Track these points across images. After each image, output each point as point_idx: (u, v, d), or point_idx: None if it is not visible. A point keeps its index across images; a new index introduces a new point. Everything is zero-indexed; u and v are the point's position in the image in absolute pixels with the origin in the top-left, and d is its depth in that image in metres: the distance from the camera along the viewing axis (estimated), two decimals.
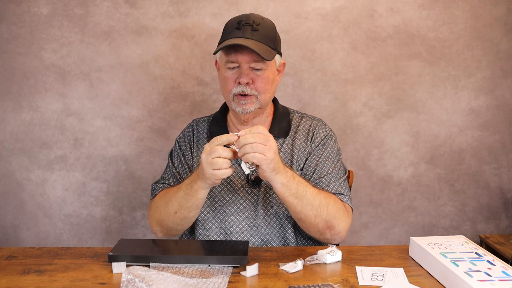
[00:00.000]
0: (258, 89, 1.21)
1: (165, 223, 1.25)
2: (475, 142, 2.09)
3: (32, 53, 1.96)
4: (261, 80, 1.21)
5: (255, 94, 1.21)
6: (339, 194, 1.25)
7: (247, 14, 1.24)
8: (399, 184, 2.10)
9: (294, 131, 1.33)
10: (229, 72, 1.23)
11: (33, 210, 2.07)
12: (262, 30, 1.21)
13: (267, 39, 1.21)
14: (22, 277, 1.01)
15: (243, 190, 1.27)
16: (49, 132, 2.01)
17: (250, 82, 1.21)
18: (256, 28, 1.20)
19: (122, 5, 1.94)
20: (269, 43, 1.22)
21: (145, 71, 1.98)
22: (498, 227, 2.15)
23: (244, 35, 1.19)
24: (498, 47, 2.02)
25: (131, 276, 0.92)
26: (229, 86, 1.23)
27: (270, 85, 1.24)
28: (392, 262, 1.09)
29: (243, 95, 1.21)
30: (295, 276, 1.01)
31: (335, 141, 1.35)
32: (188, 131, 1.40)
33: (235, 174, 1.29)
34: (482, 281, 0.88)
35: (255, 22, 1.21)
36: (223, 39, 1.23)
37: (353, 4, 1.96)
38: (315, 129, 1.33)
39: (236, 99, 1.22)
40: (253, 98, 1.22)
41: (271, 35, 1.23)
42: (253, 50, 1.14)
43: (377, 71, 2.02)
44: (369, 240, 2.12)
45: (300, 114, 1.39)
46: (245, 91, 1.20)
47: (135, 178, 2.06)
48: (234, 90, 1.22)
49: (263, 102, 1.24)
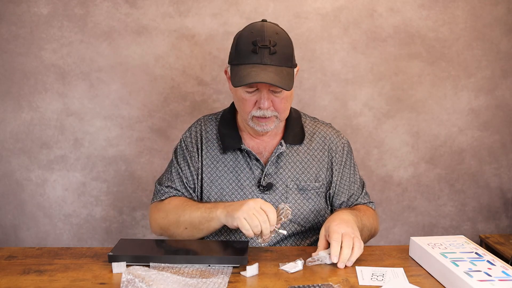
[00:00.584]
0: (278, 110, 1.18)
1: (170, 231, 1.24)
2: (475, 142, 2.09)
3: (32, 53, 1.96)
4: (281, 101, 1.18)
5: (275, 114, 1.19)
6: (369, 203, 1.36)
7: (259, 28, 1.14)
8: (399, 184, 2.10)
9: (309, 138, 1.32)
10: (247, 95, 1.17)
11: (33, 210, 2.07)
12: (280, 51, 1.12)
13: (285, 60, 1.14)
14: (22, 277, 1.01)
15: (254, 195, 1.26)
16: (49, 132, 2.02)
17: (271, 105, 1.17)
18: (274, 50, 1.11)
19: (122, 5, 1.94)
20: (288, 63, 1.15)
21: (145, 71, 1.98)
22: (498, 227, 2.15)
23: (262, 61, 1.11)
24: (498, 47, 2.02)
25: (131, 276, 0.92)
26: (248, 108, 1.19)
27: (289, 102, 1.22)
28: (392, 262, 1.09)
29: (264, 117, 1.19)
30: (295, 276, 1.01)
31: (351, 149, 1.38)
32: (195, 130, 1.34)
33: (246, 178, 1.27)
34: (482, 281, 0.88)
35: (271, 43, 1.11)
36: (239, 62, 1.14)
37: (353, 4, 1.96)
38: (332, 138, 1.33)
39: (256, 120, 1.20)
40: (274, 118, 1.20)
41: (288, 53, 1.15)
42: (277, 85, 1.09)
43: (377, 71, 2.02)
44: (369, 240, 2.12)
45: (311, 118, 1.37)
46: (266, 114, 1.17)
47: (135, 178, 2.06)
48: (254, 113, 1.18)
49: (282, 119, 1.23)
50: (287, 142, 1.28)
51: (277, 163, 1.27)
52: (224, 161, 1.28)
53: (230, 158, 1.28)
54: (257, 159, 1.26)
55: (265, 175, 1.26)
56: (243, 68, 1.12)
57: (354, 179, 1.34)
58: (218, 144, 1.30)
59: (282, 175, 1.26)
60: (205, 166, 1.29)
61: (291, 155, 1.29)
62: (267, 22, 1.19)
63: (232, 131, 1.29)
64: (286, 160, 1.28)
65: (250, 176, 1.27)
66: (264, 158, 1.28)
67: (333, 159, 1.31)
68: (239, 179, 1.26)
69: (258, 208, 1.06)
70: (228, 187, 1.28)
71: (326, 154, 1.31)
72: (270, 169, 1.26)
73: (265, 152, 1.29)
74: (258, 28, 1.14)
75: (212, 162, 1.29)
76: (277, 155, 1.26)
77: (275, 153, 1.26)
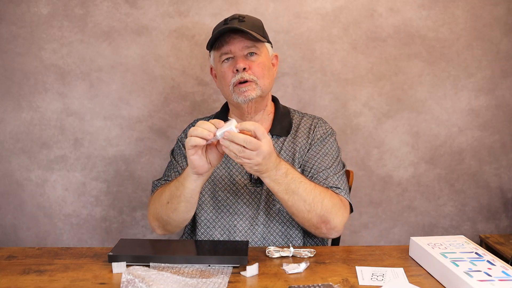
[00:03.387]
0: (256, 74, 1.23)
1: (159, 216, 1.24)
2: (475, 142, 2.09)
3: (32, 53, 1.96)
4: (257, 65, 1.24)
5: (254, 79, 1.23)
6: (336, 188, 1.24)
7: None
8: (399, 184, 2.10)
9: (295, 129, 1.34)
10: (225, 65, 1.26)
11: (33, 210, 2.07)
12: (249, 21, 1.26)
13: (255, 27, 1.26)
14: (22, 277, 1.01)
15: (246, 189, 1.28)
16: (49, 132, 2.01)
17: (247, 68, 1.23)
18: (243, 20, 1.25)
19: (122, 5, 1.94)
20: (258, 30, 1.26)
21: (145, 71, 1.98)
22: (498, 227, 2.15)
23: (232, 26, 1.22)
24: (498, 47, 2.02)
25: (131, 277, 0.92)
26: (228, 77, 1.24)
27: (268, 71, 1.27)
28: (392, 262, 1.09)
29: (243, 82, 1.23)
30: (295, 276, 1.01)
31: (335, 139, 1.36)
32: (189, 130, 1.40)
33: (238, 173, 1.29)
34: (482, 281, 0.88)
35: (241, 16, 1.26)
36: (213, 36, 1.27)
37: (353, 4, 1.96)
38: (316, 127, 1.35)
39: (237, 89, 1.23)
40: (253, 84, 1.23)
41: (258, 24, 1.29)
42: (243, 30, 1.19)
43: (377, 71, 2.02)
44: (369, 240, 2.12)
45: (300, 113, 1.41)
46: (244, 77, 1.22)
47: (135, 178, 2.06)
48: (233, 79, 1.23)
49: (263, 87, 1.25)
50: (273, 133, 1.32)
51: None
52: None
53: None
54: None
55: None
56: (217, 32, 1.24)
57: (322, 161, 1.28)
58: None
59: None
60: None
61: (277, 146, 1.31)
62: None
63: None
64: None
65: (242, 170, 1.29)
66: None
67: (312, 141, 1.32)
68: (231, 175, 1.29)
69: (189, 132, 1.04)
70: (221, 183, 1.31)
71: (309, 141, 1.32)
72: None
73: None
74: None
75: None
76: None
77: None
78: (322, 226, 1.17)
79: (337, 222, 1.18)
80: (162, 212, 1.23)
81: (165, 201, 1.20)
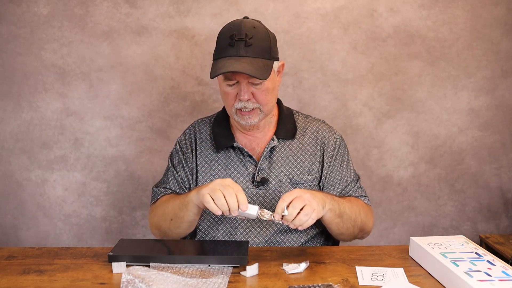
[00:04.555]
0: (260, 101, 1.21)
1: (162, 228, 1.27)
2: (475, 142, 2.09)
3: (32, 53, 1.96)
4: (261, 93, 1.20)
5: (258, 107, 1.21)
6: (361, 196, 1.33)
7: (238, 23, 1.19)
8: (399, 184, 2.10)
9: (301, 133, 1.33)
10: (228, 88, 1.21)
11: (33, 210, 2.07)
12: (256, 44, 1.16)
13: (262, 52, 1.17)
14: (22, 277, 1.01)
15: (248, 191, 1.27)
16: (49, 132, 2.02)
17: (251, 97, 1.20)
18: (250, 43, 1.15)
19: (122, 5, 1.94)
20: (265, 55, 1.18)
21: (145, 71, 1.98)
22: (498, 227, 2.15)
23: (238, 53, 1.15)
24: (498, 47, 2.02)
25: (131, 277, 0.92)
26: (230, 101, 1.22)
27: (271, 94, 1.23)
28: (392, 262, 1.09)
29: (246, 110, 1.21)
30: (295, 276, 1.01)
31: (345, 144, 1.38)
32: (189, 132, 1.38)
33: (240, 175, 1.28)
34: (482, 281, 0.88)
35: (247, 36, 1.15)
36: (217, 56, 1.19)
37: (353, 4, 1.96)
38: (324, 133, 1.34)
39: (239, 113, 1.22)
40: (257, 111, 1.22)
41: (265, 46, 1.18)
42: (250, 74, 1.11)
43: (377, 71, 2.02)
44: (369, 240, 2.11)
45: (304, 115, 1.40)
46: (248, 106, 1.20)
47: (135, 178, 2.06)
48: (236, 105, 1.21)
49: (267, 112, 1.24)
50: (279, 137, 1.30)
51: (270, 158, 1.29)
52: (218, 159, 1.31)
53: (224, 156, 1.30)
54: (249, 155, 1.28)
55: (259, 171, 1.27)
56: (220, 61, 1.17)
57: (346, 174, 1.33)
58: (212, 144, 1.33)
59: (275, 169, 1.28)
60: (200, 166, 1.32)
61: (284, 149, 1.30)
62: (248, 18, 1.23)
63: (224, 130, 1.33)
64: (279, 155, 1.29)
65: (244, 172, 1.28)
66: (257, 154, 1.30)
67: (324, 152, 1.32)
68: (233, 177, 1.28)
69: (225, 184, 1.04)
70: None
71: (319, 148, 1.32)
72: (263, 164, 1.28)
73: (258, 148, 1.31)
74: (236, 24, 1.19)
75: (206, 161, 1.32)
76: (269, 150, 1.28)
77: (267, 148, 1.28)
78: (359, 234, 1.27)
79: (370, 228, 1.30)
80: (164, 226, 1.25)
81: (169, 218, 1.22)
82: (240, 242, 1.16)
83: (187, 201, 1.14)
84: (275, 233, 1.27)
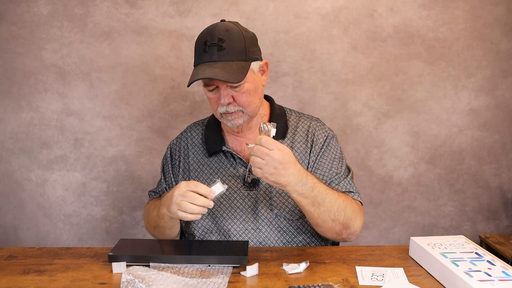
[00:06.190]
0: (242, 104, 1.20)
1: (151, 233, 1.34)
2: (475, 142, 2.09)
3: (32, 53, 1.96)
4: (242, 95, 1.19)
5: (240, 109, 1.21)
6: (349, 192, 1.26)
7: (212, 28, 1.18)
8: (399, 184, 2.10)
9: (292, 132, 1.32)
10: (210, 93, 1.22)
11: (33, 210, 2.07)
12: (229, 47, 1.15)
13: (236, 54, 1.16)
14: (22, 277, 1.01)
15: (240, 193, 1.26)
16: (49, 132, 2.02)
17: (232, 101, 1.19)
18: (222, 46, 1.14)
19: (122, 5, 1.94)
20: (239, 56, 1.16)
21: (145, 71, 1.98)
22: (498, 227, 2.15)
23: (211, 58, 1.15)
24: (498, 47, 2.02)
25: (131, 277, 0.92)
26: (214, 106, 1.24)
27: (254, 95, 1.22)
28: (392, 262, 1.09)
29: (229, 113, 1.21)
30: (295, 276, 1.01)
31: (337, 140, 1.35)
32: (181, 138, 1.40)
33: (231, 178, 1.28)
34: (482, 281, 0.88)
35: (220, 40, 1.15)
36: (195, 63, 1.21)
37: (353, 4, 1.96)
38: (315, 131, 1.32)
39: (224, 116, 1.23)
40: (240, 113, 1.22)
41: (239, 47, 1.16)
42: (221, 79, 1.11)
43: (377, 71, 2.02)
44: (369, 240, 2.12)
45: (297, 114, 1.38)
46: (229, 110, 1.20)
47: (135, 178, 2.06)
48: (219, 110, 1.21)
49: (250, 113, 1.24)
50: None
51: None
52: (210, 164, 1.32)
53: (215, 160, 1.31)
54: (239, 157, 1.28)
55: (249, 172, 1.27)
56: (196, 68, 1.19)
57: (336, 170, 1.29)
58: (204, 148, 1.34)
59: None
60: (192, 171, 1.33)
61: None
62: (224, 21, 1.23)
63: (215, 134, 1.34)
64: None
65: (235, 174, 1.28)
66: (247, 155, 1.30)
67: (312, 148, 1.30)
68: (224, 180, 1.28)
69: (182, 192, 1.06)
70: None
71: (308, 145, 1.30)
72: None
73: (248, 149, 1.30)
74: (210, 28, 1.19)
75: (199, 166, 1.33)
76: None
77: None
78: (343, 232, 1.19)
79: (356, 227, 1.21)
80: (152, 231, 1.32)
81: (152, 226, 1.28)
82: (240, 242, 1.16)
83: (162, 214, 1.17)
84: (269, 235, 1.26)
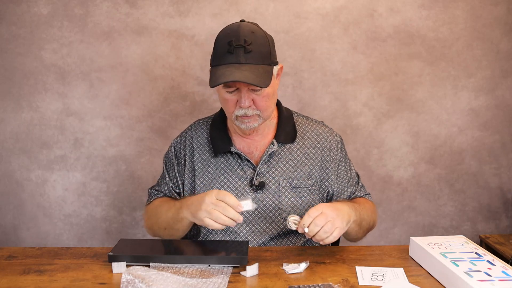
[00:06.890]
0: (260, 108, 1.19)
1: (156, 232, 1.31)
2: (475, 142, 2.09)
3: (32, 53, 1.96)
4: (262, 99, 1.18)
5: (258, 113, 1.20)
6: (366, 195, 1.37)
7: (236, 28, 1.15)
8: (399, 184, 2.10)
9: (301, 136, 1.32)
10: (228, 95, 1.19)
11: (33, 210, 2.07)
12: (256, 49, 1.13)
13: (262, 58, 1.14)
14: (22, 277, 1.01)
15: (247, 195, 1.25)
16: (49, 132, 2.02)
17: (251, 104, 1.18)
18: (249, 49, 1.12)
19: (122, 5, 1.94)
20: (265, 60, 1.15)
21: (145, 71, 1.98)
22: (498, 227, 2.15)
23: (237, 60, 1.12)
24: (498, 47, 2.02)
25: (131, 277, 0.92)
26: (230, 108, 1.20)
27: (271, 100, 1.22)
28: (392, 262, 1.09)
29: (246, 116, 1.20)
30: (295, 276, 1.01)
31: (344, 143, 1.39)
32: (185, 136, 1.37)
33: (238, 179, 1.27)
34: (482, 281, 0.88)
35: (246, 42, 1.12)
36: (216, 63, 1.17)
37: (353, 4, 1.96)
38: (326, 138, 1.33)
39: (240, 119, 1.21)
40: (256, 117, 1.20)
41: (265, 51, 1.15)
42: (251, 83, 1.10)
43: (377, 71, 2.02)
44: (369, 240, 2.12)
45: (303, 117, 1.38)
46: (248, 113, 1.18)
47: (135, 178, 2.06)
48: (236, 112, 1.19)
49: (266, 117, 1.23)
50: (279, 141, 1.29)
51: (269, 162, 1.27)
52: (216, 164, 1.30)
53: (222, 160, 1.29)
54: (247, 159, 1.27)
55: (257, 174, 1.26)
56: (219, 68, 1.14)
57: (351, 175, 1.36)
58: (210, 148, 1.32)
59: (275, 173, 1.27)
60: (197, 171, 1.31)
61: (283, 154, 1.29)
62: (245, 22, 1.20)
63: (222, 134, 1.31)
64: (278, 159, 1.28)
65: (242, 176, 1.27)
66: (255, 157, 1.29)
67: (327, 157, 1.31)
68: (231, 181, 1.27)
69: (214, 200, 1.05)
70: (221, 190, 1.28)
71: (319, 152, 1.31)
72: (262, 168, 1.27)
73: (256, 152, 1.29)
74: (234, 28, 1.16)
75: (204, 166, 1.31)
76: (269, 154, 1.27)
77: (267, 153, 1.26)
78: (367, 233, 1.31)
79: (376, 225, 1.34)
80: (158, 232, 1.29)
81: (162, 227, 1.25)
82: (240, 242, 1.16)
83: (181, 218, 1.15)
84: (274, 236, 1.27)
